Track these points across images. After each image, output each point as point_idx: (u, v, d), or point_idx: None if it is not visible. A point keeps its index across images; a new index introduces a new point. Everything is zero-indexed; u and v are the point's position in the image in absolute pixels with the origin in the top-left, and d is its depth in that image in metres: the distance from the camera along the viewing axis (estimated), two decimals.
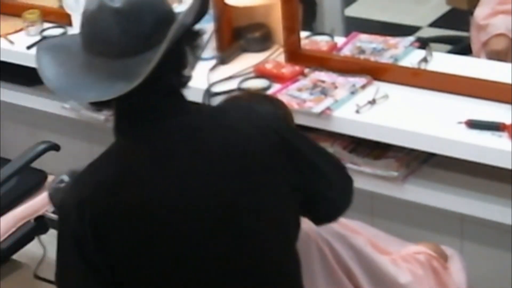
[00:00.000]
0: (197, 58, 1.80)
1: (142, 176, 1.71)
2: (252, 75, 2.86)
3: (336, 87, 2.71)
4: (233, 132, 1.77)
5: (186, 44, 1.75)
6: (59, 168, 3.29)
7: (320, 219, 1.96)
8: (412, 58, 2.80)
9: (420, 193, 2.61)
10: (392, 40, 2.91)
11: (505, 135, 2.40)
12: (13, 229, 2.79)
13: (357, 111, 2.59)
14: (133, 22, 1.67)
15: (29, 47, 3.27)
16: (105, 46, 1.69)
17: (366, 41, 2.91)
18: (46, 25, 3.39)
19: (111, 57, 1.68)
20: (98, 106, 1.80)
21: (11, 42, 3.34)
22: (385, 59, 2.81)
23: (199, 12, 1.74)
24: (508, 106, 2.49)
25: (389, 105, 2.62)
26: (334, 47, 2.93)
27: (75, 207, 1.71)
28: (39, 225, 2.91)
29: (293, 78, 2.79)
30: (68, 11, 3.30)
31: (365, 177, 2.64)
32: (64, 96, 1.79)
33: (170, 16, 1.72)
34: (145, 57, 1.66)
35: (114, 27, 1.67)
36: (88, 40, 1.72)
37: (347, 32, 3.21)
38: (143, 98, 1.71)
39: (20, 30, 3.40)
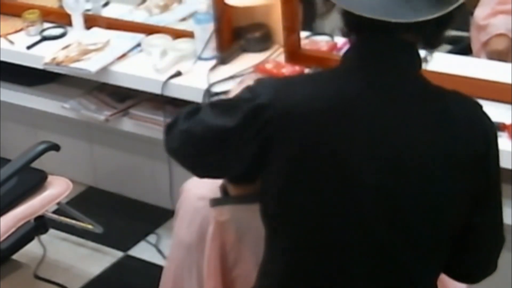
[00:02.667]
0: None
1: (353, 107, 1.66)
2: (251, 75, 2.85)
3: None
4: (444, 119, 1.68)
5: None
6: (59, 168, 3.30)
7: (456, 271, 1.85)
8: None
9: None
10: None
11: (505, 135, 2.41)
12: (13, 229, 2.78)
13: None
14: None
15: (29, 47, 3.27)
16: None
17: None
18: (46, 25, 3.39)
19: None
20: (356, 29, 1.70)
21: (11, 42, 3.34)
22: None
23: None
24: (508, 106, 2.49)
25: None
26: (334, 47, 2.93)
27: (270, 97, 1.68)
28: (39, 225, 2.91)
29: None
30: (68, 11, 3.31)
31: None
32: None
33: None
34: None
35: None
36: None
37: None
38: (397, 38, 1.66)
39: (20, 30, 3.40)
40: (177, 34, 3.13)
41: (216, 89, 2.81)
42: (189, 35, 3.06)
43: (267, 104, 1.68)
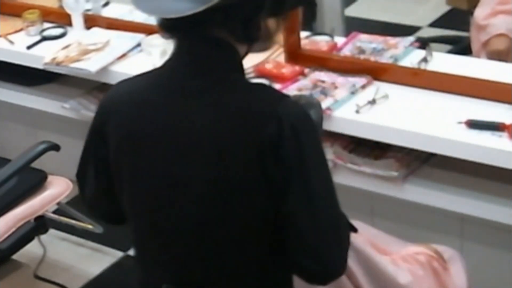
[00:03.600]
0: (283, 18, 1.82)
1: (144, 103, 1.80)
2: (252, 75, 2.85)
3: (336, 87, 2.71)
4: (234, 109, 1.71)
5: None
6: (59, 168, 3.30)
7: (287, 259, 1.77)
8: (412, 58, 2.80)
9: (420, 193, 2.61)
10: (392, 40, 2.91)
11: (505, 135, 2.41)
12: (13, 229, 2.78)
13: (357, 111, 2.59)
14: None
15: (29, 47, 3.27)
16: None
17: (366, 41, 2.91)
18: (46, 25, 3.39)
19: None
20: (166, 30, 1.78)
21: (11, 42, 3.34)
22: (385, 59, 2.81)
23: None
24: (508, 106, 2.49)
25: (389, 105, 2.62)
26: (334, 47, 2.93)
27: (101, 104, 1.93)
28: (39, 225, 2.91)
29: (293, 78, 2.79)
30: (68, 11, 3.31)
31: (365, 177, 2.64)
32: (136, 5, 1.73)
33: None
34: None
35: None
36: None
37: (347, 32, 3.21)
38: (196, 36, 1.73)
39: (20, 30, 3.40)
40: None
41: None
42: None
43: (102, 111, 1.91)
